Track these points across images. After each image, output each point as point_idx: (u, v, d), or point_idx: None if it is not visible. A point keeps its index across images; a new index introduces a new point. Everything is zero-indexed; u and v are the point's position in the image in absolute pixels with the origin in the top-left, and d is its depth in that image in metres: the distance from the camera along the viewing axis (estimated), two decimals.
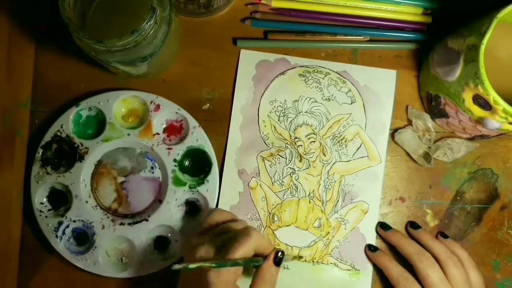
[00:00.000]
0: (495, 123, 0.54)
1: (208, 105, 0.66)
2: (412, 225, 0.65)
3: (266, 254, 0.56)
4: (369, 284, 0.64)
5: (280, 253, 0.55)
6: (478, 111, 0.55)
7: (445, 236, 0.64)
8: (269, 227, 0.65)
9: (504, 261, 0.66)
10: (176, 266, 0.50)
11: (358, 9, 0.66)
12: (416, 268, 0.59)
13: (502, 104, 0.51)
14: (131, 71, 0.59)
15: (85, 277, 0.63)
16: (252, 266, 0.55)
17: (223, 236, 0.56)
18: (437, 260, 0.60)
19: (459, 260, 0.60)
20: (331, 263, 0.64)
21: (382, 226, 0.64)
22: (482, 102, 0.53)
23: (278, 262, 0.55)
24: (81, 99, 0.63)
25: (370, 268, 0.64)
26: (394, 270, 0.60)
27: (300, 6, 0.66)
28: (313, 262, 0.64)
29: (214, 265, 0.50)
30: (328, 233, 0.65)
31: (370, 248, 0.64)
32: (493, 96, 0.51)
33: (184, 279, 0.55)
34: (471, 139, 0.65)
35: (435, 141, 0.65)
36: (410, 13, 0.66)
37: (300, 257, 0.64)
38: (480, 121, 0.56)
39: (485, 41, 0.51)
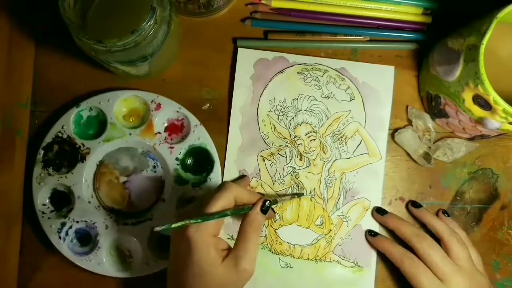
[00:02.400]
0: (495, 123, 0.54)
1: (208, 105, 0.66)
2: (414, 204, 0.65)
3: (252, 203, 0.55)
4: (372, 280, 0.64)
5: (268, 202, 0.55)
6: (478, 111, 0.55)
7: (446, 214, 0.65)
8: (271, 226, 0.65)
9: (504, 261, 0.66)
10: (158, 228, 0.49)
11: (358, 9, 0.66)
12: (416, 250, 0.59)
13: (502, 104, 0.51)
14: (131, 71, 0.59)
15: (86, 276, 0.63)
16: (241, 215, 0.55)
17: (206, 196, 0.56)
18: (440, 237, 0.60)
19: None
20: (334, 260, 0.65)
21: (378, 211, 0.64)
22: (482, 102, 0.53)
23: (265, 210, 0.55)
24: (82, 99, 0.63)
25: (373, 264, 0.64)
26: (397, 251, 0.61)
27: (300, 6, 0.66)
28: (316, 260, 0.64)
29: (199, 220, 0.50)
30: (330, 230, 0.65)
31: (371, 233, 0.64)
32: (493, 96, 0.51)
33: (172, 243, 0.55)
34: (471, 139, 0.65)
35: (435, 141, 0.65)
36: (410, 13, 0.66)
37: (299, 195, 0.64)
38: (480, 121, 0.56)
39: (485, 41, 0.51)
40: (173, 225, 0.50)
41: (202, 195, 0.59)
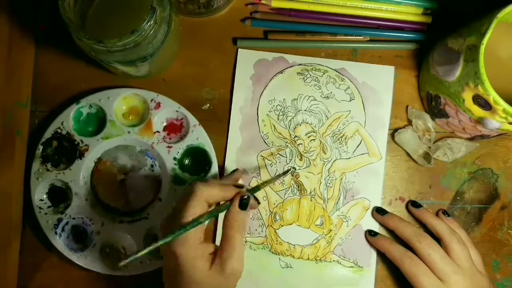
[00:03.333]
0: (495, 123, 0.54)
1: (208, 105, 0.66)
2: (414, 204, 0.65)
3: (228, 198, 0.53)
4: (372, 280, 0.64)
5: (245, 197, 0.52)
6: (478, 111, 0.55)
7: (446, 214, 0.65)
8: (271, 226, 0.65)
9: (504, 261, 0.66)
10: (122, 263, 0.47)
11: (358, 9, 0.66)
12: (416, 250, 0.60)
13: (502, 104, 0.51)
14: (131, 71, 0.59)
15: (85, 276, 0.64)
16: (217, 215, 0.53)
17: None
18: (440, 237, 0.60)
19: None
20: (334, 260, 0.65)
21: (378, 211, 0.64)
22: (482, 102, 0.53)
23: (244, 205, 0.52)
24: (81, 98, 0.64)
25: (373, 264, 0.64)
26: (397, 251, 0.61)
27: (300, 6, 0.66)
28: (316, 260, 0.65)
29: (169, 239, 0.49)
30: (331, 230, 0.65)
31: (371, 233, 0.64)
32: (493, 96, 0.51)
33: (164, 260, 0.54)
34: (471, 139, 0.65)
35: (435, 141, 0.65)
36: (410, 13, 0.66)
37: (285, 173, 0.61)
38: (480, 121, 0.56)
39: (485, 41, 0.51)
40: (140, 253, 0.47)
41: (175, 205, 0.56)
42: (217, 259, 0.50)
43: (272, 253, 0.65)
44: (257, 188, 0.56)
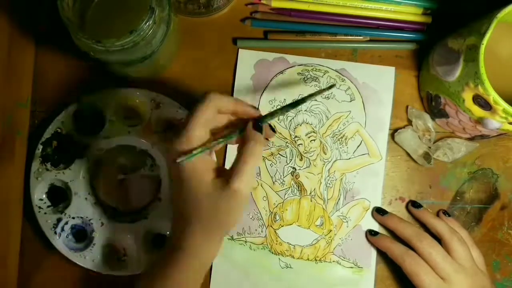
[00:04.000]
0: (495, 123, 0.54)
1: None
2: (414, 204, 0.65)
3: (245, 115, 0.51)
4: (372, 281, 0.64)
5: (259, 122, 0.50)
6: (478, 111, 0.55)
7: (446, 214, 0.65)
8: (271, 226, 0.65)
9: (504, 261, 0.66)
10: (180, 159, 0.46)
11: (358, 9, 0.66)
12: (417, 249, 0.60)
13: (502, 104, 0.51)
14: (130, 72, 0.59)
15: (85, 275, 0.64)
16: (235, 138, 0.51)
17: None
18: (440, 237, 0.60)
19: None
20: (333, 261, 0.65)
21: (378, 211, 0.64)
22: (482, 102, 0.53)
23: (259, 128, 0.50)
24: (81, 98, 0.64)
25: (373, 265, 0.64)
26: (397, 249, 0.61)
27: (300, 6, 0.66)
28: (316, 260, 0.64)
29: (190, 154, 0.47)
30: (330, 231, 0.65)
31: (371, 233, 0.64)
32: (493, 96, 0.51)
33: (174, 186, 0.52)
34: (471, 139, 0.65)
35: (435, 141, 0.65)
36: (410, 13, 0.66)
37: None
38: (480, 121, 0.56)
39: (485, 41, 0.51)
40: (178, 160, 0.47)
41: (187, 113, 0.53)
42: (224, 174, 0.49)
43: (272, 253, 0.65)
44: (272, 114, 0.52)
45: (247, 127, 0.50)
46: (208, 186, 0.48)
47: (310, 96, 0.52)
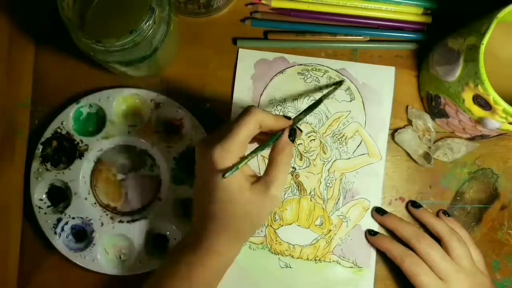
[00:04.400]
0: (495, 123, 0.54)
1: (208, 105, 0.66)
2: (414, 204, 0.65)
3: (278, 128, 0.53)
4: (372, 281, 0.64)
5: (293, 131, 0.53)
6: (478, 111, 0.55)
7: (446, 214, 0.65)
8: (271, 226, 0.65)
9: (504, 261, 0.66)
10: (227, 174, 0.48)
11: (358, 9, 0.66)
12: (416, 250, 0.60)
13: (502, 104, 0.51)
14: (130, 71, 0.59)
15: (85, 276, 0.64)
16: (268, 147, 0.53)
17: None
18: (440, 237, 0.60)
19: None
20: (333, 260, 0.65)
21: (378, 211, 0.64)
22: (482, 102, 0.53)
23: (292, 138, 0.53)
24: (81, 98, 0.64)
25: (372, 265, 0.64)
26: (397, 250, 0.61)
27: (300, 6, 0.66)
28: (316, 260, 0.64)
29: (235, 168, 0.49)
30: (330, 231, 0.65)
31: (371, 233, 0.64)
32: (493, 96, 0.51)
33: (198, 174, 0.53)
34: (471, 139, 0.65)
35: (435, 141, 0.65)
36: (410, 13, 0.66)
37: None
38: (480, 121, 0.56)
39: (485, 41, 0.51)
40: (226, 175, 0.48)
41: (225, 124, 0.55)
42: (260, 181, 0.51)
43: (272, 253, 0.65)
44: (299, 118, 0.56)
45: (282, 137, 0.52)
46: (247, 193, 0.50)
47: (326, 95, 0.59)
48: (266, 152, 0.64)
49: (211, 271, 0.52)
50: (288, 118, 0.54)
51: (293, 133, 0.53)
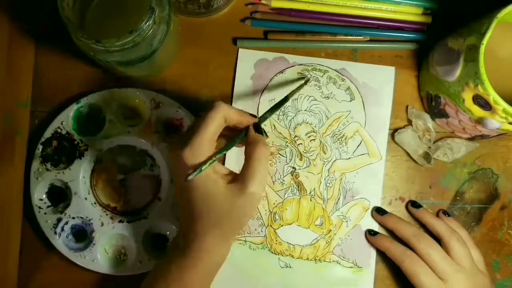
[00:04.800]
0: (495, 123, 0.54)
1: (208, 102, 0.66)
2: (414, 204, 0.65)
3: (243, 123, 0.52)
4: (372, 280, 0.64)
5: (257, 125, 0.52)
6: (478, 111, 0.55)
7: (446, 214, 0.65)
8: (271, 226, 0.65)
9: (504, 261, 0.66)
10: (191, 176, 0.47)
11: (358, 9, 0.66)
12: (416, 249, 0.60)
13: (502, 104, 0.51)
14: (130, 72, 0.59)
15: (85, 275, 0.64)
16: (237, 145, 0.52)
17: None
18: (440, 237, 0.60)
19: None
20: (333, 260, 0.65)
21: (378, 211, 0.64)
22: (482, 102, 0.53)
23: (259, 130, 0.52)
24: (81, 98, 0.64)
25: (372, 265, 0.64)
26: (396, 249, 0.61)
27: (300, 6, 0.66)
28: (316, 260, 0.64)
29: (211, 161, 0.48)
30: (330, 231, 0.65)
31: (371, 233, 0.64)
32: (493, 96, 0.51)
33: (175, 178, 0.53)
34: (471, 139, 0.65)
35: (435, 141, 0.65)
36: (410, 13, 0.66)
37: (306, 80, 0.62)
38: (480, 121, 0.56)
39: (485, 41, 0.51)
40: (190, 177, 0.48)
41: (192, 121, 0.54)
42: (237, 179, 0.50)
43: (272, 253, 0.65)
44: (267, 114, 0.55)
45: (249, 131, 0.51)
46: (224, 192, 0.49)
47: (292, 93, 0.58)
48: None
49: (202, 272, 0.51)
50: (254, 116, 0.53)
51: (260, 130, 0.52)
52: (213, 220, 0.50)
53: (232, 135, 0.53)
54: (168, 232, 0.64)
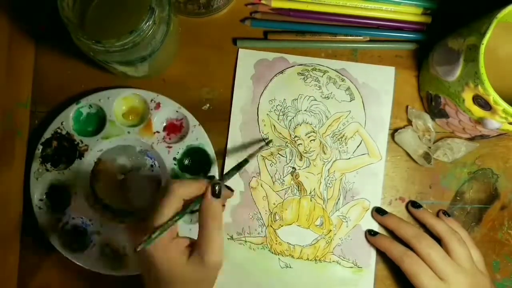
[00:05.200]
0: (495, 123, 0.54)
1: (208, 105, 0.66)
2: (414, 204, 0.65)
3: (199, 194, 0.52)
4: (372, 281, 0.64)
5: (216, 186, 0.51)
6: (478, 111, 0.55)
7: (446, 214, 0.65)
8: (271, 226, 0.65)
9: (504, 261, 0.66)
10: (139, 248, 0.48)
11: (358, 9, 0.66)
12: (416, 250, 0.59)
13: (502, 104, 0.51)
14: (130, 72, 0.59)
15: (85, 275, 0.64)
16: (194, 211, 0.52)
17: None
18: (440, 238, 0.60)
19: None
20: (333, 261, 0.65)
21: (378, 211, 0.64)
22: (482, 102, 0.53)
23: (217, 194, 0.51)
24: (81, 98, 0.64)
25: (372, 265, 0.64)
26: (396, 250, 0.61)
27: (300, 6, 0.66)
28: (316, 260, 0.64)
29: (156, 235, 0.48)
30: (330, 231, 0.65)
31: (371, 233, 0.64)
32: (493, 96, 0.51)
33: (139, 265, 0.53)
34: (471, 139, 0.65)
35: (435, 141, 0.65)
36: (410, 13, 0.66)
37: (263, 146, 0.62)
38: (480, 121, 0.56)
39: (485, 41, 0.51)
40: (138, 248, 0.48)
41: (150, 204, 0.55)
42: (195, 252, 0.49)
43: (272, 253, 0.65)
44: (229, 173, 0.56)
45: (205, 197, 0.51)
46: (184, 267, 0.49)
47: (252, 155, 0.58)
48: (266, 152, 0.65)
49: None
50: (211, 177, 0.53)
51: (219, 189, 0.51)
52: None
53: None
54: None
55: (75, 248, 0.63)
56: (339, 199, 0.65)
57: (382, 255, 0.63)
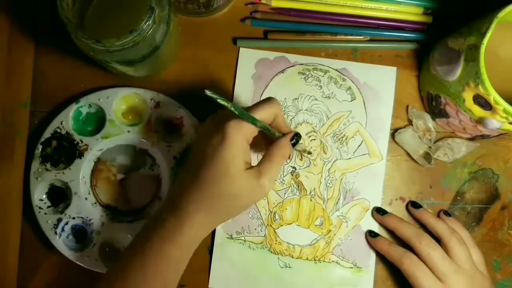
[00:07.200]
0: (495, 123, 0.54)
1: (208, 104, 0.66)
2: (414, 205, 0.65)
3: (282, 131, 0.55)
4: (371, 281, 0.64)
5: (298, 136, 0.55)
6: (478, 111, 0.55)
7: (447, 214, 0.65)
8: (271, 225, 0.65)
9: (505, 261, 0.66)
10: (209, 92, 0.49)
11: (358, 8, 0.66)
12: (416, 250, 0.60)
13: (502, 104, 0.51)
14: (130, 71, 0.59)
15: (85, 275, 0.64)
16: (270, 135, 0.54)
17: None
18: (439, 238, 0.60)
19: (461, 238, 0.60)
20: (333, 261, 0.64)
21: (378, 211, 0.64)
22: (482, 102, 0.53)
23: (294, 143, 0.55)
24: (81, 98, 0.64)
25: (372, 265, 0.64)
26: (396, 252, 0.61)
27: (300, 5, 0.66)
28: (315, 260, 0.64)
29: (237, 111, 0.49)
30: (330, 231, 0.65)
31: (371, 234, 0.64)
32: (493, 96, 0.51)
33: (203, 134, 0.53)
34: (472, 139, 0.65)
35: (436, 141, 0.65)
36: (411, 12, 0.66)
37: (309, 153, 0.64)
38: (480, 121, 0.56)
39: (485, 41, 0.51)
40: (219, 100, 0.49)
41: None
42: (254, 168, 0.51)
43: (271, 252, 0.65)
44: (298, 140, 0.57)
45: (286, 135, 0.54)
46: (241, 173, 0.50)
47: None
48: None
49: (181, 250, 0.51)
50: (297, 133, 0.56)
51: (297, 140, 0.55)
52: (215, 199, 0.50)
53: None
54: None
55: (75, 248, 0.63)
56: (339, 199, 0.65)
57: (381, 255, 0.63)
